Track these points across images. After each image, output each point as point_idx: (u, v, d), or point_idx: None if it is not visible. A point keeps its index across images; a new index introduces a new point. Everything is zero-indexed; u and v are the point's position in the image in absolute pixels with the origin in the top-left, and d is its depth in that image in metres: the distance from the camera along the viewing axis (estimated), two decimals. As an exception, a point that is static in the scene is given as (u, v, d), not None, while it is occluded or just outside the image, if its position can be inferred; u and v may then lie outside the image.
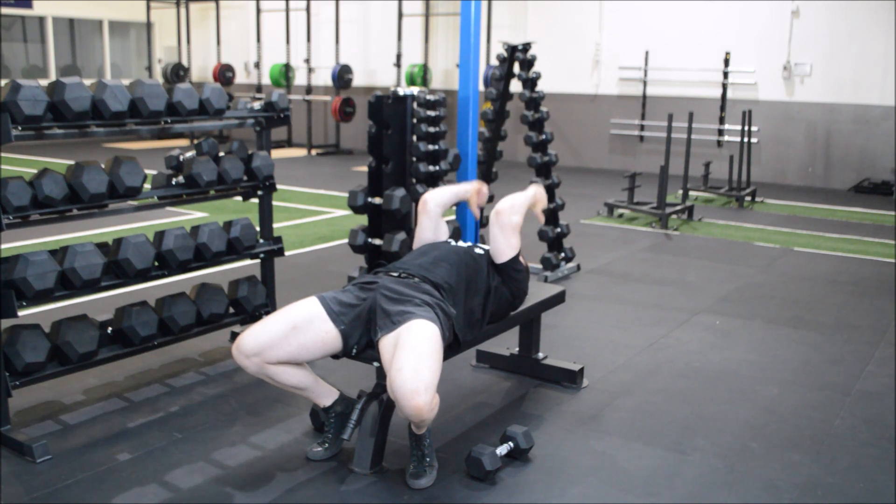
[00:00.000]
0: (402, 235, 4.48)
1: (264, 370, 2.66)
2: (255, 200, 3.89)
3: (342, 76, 12.99)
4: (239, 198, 3.85)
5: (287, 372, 2.71)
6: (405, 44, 12.88)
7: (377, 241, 4.65)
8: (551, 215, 5.65)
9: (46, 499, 2.61)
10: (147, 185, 3.43)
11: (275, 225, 4.00)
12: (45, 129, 2.97)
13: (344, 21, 13.48)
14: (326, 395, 2.91)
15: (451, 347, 2.83)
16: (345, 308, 2.74)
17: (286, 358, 2.67)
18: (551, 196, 5.69)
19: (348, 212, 7.62)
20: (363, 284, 2.84)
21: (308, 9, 13.23)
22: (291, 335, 2.65)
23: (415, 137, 4.62)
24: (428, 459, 2.74)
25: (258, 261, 3.98)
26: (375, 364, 2.74)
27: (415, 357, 2.46)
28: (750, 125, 9.39)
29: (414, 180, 4.64)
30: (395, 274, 2.88)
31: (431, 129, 4.66)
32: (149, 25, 14.92)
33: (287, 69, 13.61)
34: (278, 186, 3.97)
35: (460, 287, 2.88)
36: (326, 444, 2.90)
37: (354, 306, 2.74)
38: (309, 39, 13.43)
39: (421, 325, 2.59)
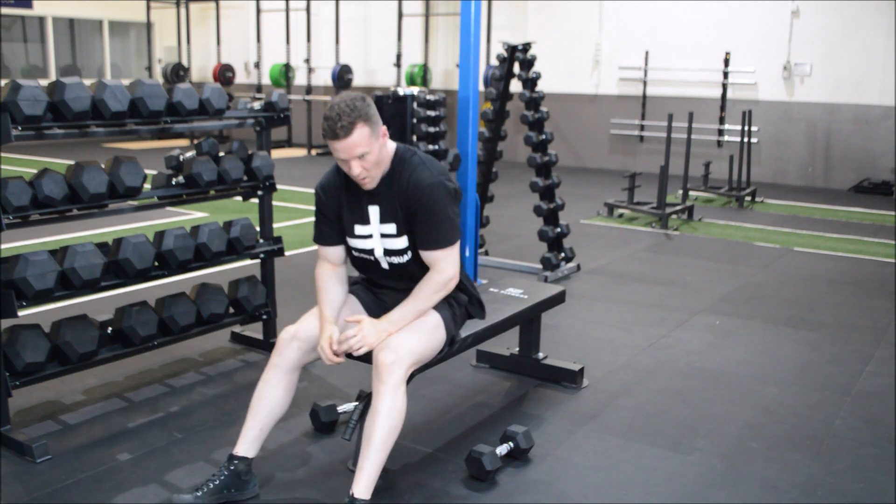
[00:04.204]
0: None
1: (293, 365, 2.59)
2: (255, 200, 3.89)
3: (342, 76, 12.98)
4: (239, 198, 3.85)
5: (287, 394, 2.61)
6: (405, 44, 12.88)
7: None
8: (551, 215, 5.65)
9: (46, 499, 2.61)
10: (147, 185, 3.43)
11: (275, 225, 4.00)
12: (45, 129, 2.97)
13: (344, 21, 13.48)
14: (253, 444, 2.62)
15: (471, 317, 2.86)
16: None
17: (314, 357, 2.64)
18: (551, 196, 5.70)
19: (348, 212, 7.60)
20: (365, 285, 2.84)
21: (308, 9, 13.23)
22: None
23: (415, 137, 4.62)
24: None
25: (258, 261, 3.98)
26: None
27: (406, 332, 2.52)
28: (750, 125, 9.39)
29: (414, 180, 4.63)
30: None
31: (431, 129, 4.66)
32: (149, 25, 14.92)
33: (287, 69, 13.61)
34: (278, 186, 3.97)
35: None
36: (199, 493, 2.54)
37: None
38: (309, 39, 13.43)
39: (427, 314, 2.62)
